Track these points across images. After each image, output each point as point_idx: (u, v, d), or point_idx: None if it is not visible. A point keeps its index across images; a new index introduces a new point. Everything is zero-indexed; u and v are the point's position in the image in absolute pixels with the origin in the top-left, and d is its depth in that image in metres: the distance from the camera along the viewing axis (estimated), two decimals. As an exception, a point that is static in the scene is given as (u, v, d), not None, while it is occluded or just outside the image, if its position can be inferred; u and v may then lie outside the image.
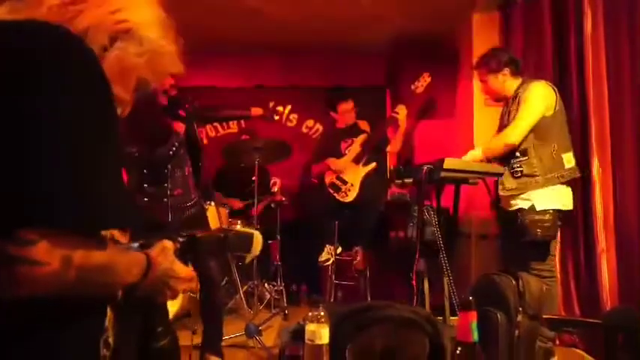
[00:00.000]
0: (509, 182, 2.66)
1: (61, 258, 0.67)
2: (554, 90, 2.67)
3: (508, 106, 2.82)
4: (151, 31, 0.89)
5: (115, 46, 0.84)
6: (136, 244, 0.92)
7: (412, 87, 3.77)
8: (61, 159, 0.68)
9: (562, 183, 2.59)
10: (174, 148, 2.39)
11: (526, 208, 2.57)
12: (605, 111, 2.67)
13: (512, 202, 2.66)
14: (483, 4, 3.81)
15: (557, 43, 3.08)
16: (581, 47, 2.79)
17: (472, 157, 2.71)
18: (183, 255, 1.02)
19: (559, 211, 2.57)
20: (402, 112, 3.70)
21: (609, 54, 2.66)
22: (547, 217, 2.53)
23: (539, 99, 2.61)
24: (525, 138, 2.61)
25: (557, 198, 2.58)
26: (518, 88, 2.78)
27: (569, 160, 2.63)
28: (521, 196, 2.61)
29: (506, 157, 2.67)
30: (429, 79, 3.73)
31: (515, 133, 2.59)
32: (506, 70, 2.81)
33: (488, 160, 2.71)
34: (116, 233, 0.83)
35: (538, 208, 2.54)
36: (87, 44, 0.77)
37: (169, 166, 2.42)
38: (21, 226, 0.64)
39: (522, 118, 2.59)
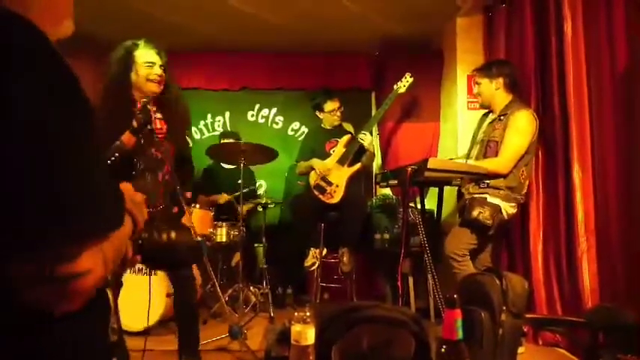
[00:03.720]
0: (473, 189, 2.87)
1: (101, 261, 0.67)
2: (537, 120, 2.83)
3: (493, 122, 2.90)
4: None
5: None
6: None
7: (394, 87, 3.79)
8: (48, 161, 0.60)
9: (514, 205, 2.82)
10: (112, 158, 2.19)
11: (477, 197, 2.79)
12: (586, 114, 2.69)
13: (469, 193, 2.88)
14: (467, 7, 3.85)
15: (538, 46, 3.13)
16: (561, 51, 2.82)
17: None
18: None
19: (502, 216, 2.77)
20: (366, 138, 3.71)
21: (589, 57, 2.69)
22: (492, 209, 2.72)
23: (528, 131, 2.78)
24: None
25: (507, 207, 2.79)
26: (507, 107, 2.88)
27: (526, 186, 2.88)
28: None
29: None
30: (411, 80, 3.75)
31: (507, 166, 2.77)
32: (502, 80, 2.90)
33: None
34: None
35: (489, 200, 2.76)
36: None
37: (139, 167, 2.31)
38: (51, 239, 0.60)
39: (513, 151, 2.77)
